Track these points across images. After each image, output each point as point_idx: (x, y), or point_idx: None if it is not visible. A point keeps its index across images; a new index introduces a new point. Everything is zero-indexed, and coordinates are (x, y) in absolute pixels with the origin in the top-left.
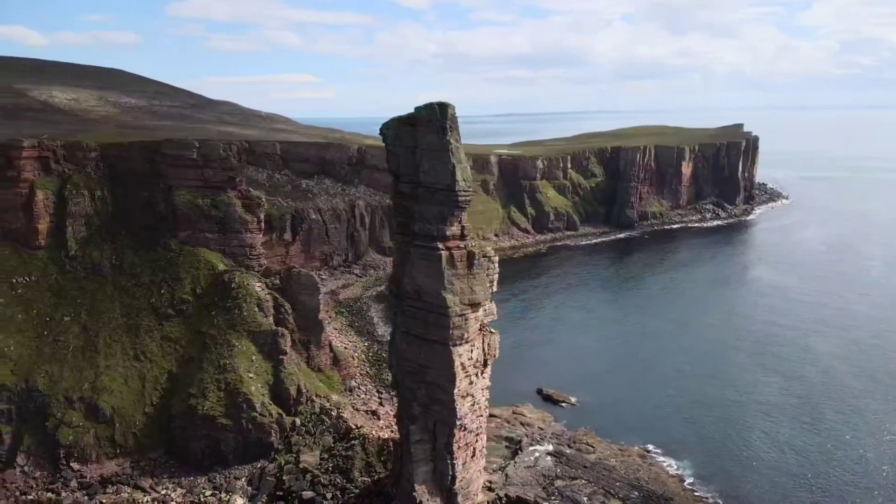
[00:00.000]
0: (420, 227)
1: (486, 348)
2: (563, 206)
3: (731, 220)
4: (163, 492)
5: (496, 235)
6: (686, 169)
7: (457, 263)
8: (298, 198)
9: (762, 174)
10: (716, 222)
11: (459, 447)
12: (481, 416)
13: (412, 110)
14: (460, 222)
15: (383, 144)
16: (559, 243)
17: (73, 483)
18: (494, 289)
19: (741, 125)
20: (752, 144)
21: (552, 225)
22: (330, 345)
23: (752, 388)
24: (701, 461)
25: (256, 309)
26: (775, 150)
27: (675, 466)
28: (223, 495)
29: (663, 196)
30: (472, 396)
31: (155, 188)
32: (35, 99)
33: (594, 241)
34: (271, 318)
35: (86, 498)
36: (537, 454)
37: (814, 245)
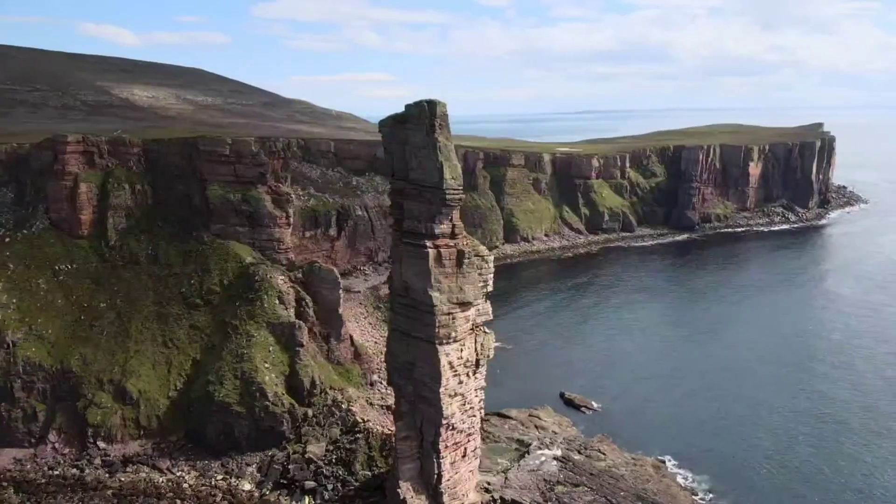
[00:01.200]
0: (409, 224)
1: (478, 348)
2: (620, 206)
3: (801, 225)
4: (178, 473)
5: (546, 235)
6: (754, 169)
7: (445, 262)
8: (347, 194)
9: (843, 177)
10: (784, 226)
11: (447, 446)
12: (473, 416)
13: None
14: (451, 221)
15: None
16: (612, 244)
17: (98, 461)
18: (489, 289)
19: (820, 124)
20: (827, 145)
21: (606, 225)
22: (351, 339)
23: (787, 408)
24: (718, 477)
25: (277, 301)
26: (863, 152)
27: (690, 480)
28: (233, 480)
29: (728, 197)
30: (463, 396)
31: (191, 182)
32: (117, 96)
33: (650, 243)
34: (292, 310)
35: (107, 476)
36: (543, 458)
37: (889, 254)
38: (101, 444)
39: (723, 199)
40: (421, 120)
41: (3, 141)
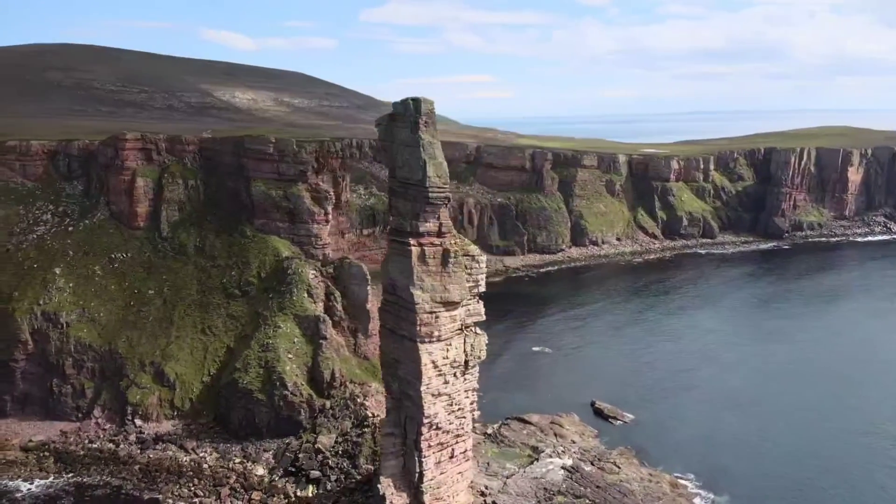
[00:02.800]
0: (395, 221)
1: (467, 349)
2: (700, 210)
3: None
4: (201, 454)
5: (618, 239)
6: (854, 175)
7: (428, 260)
8: None
9: None
10: (885, 237)
11: (430, 445)
12: (463, 418)
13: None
14: (438, 219)
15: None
16: (689, 251)
17: (132, 437)
18: (481, 289)
19: None
20: None
21: (685, 231)
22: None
23: (838, 436)
24: (738, 501)
25: (305, 295)
26: None
27: (708, 502)
28: (249, 464)
29: (824, 204)
30: (449, 396)
31: (238, 179)
32: (219, 99)
33: (731, 250)
34: (320, 304)
35: (138, 452)
36: (551, 466)
37: None
38: (138, 422)
39: (817, 206)
40: (407, 117)
41: (80, 137)
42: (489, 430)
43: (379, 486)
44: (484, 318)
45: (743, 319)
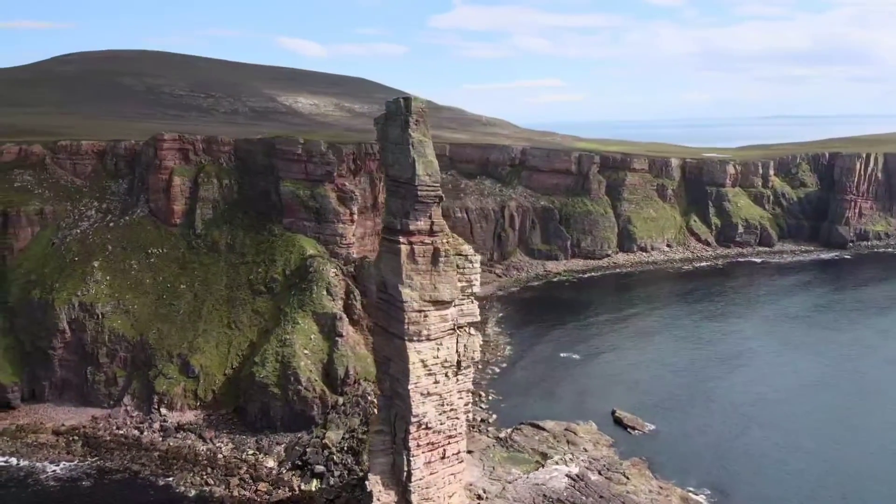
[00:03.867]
0: (387, 219)
1: (460, 350)
2: (758, 217)
3: None
4: (217, 444)
5: (668, 246)
6: None
7: (418, 258)
8: (450, 196)
9: None
10: None
11: (419, 445)
12: (456, 419)
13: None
14: (429, 217)
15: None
16: (743, 259)
17: (156, 425)
18: (476, 289)
19: None
20: None
21: (740, 238)
22: None
23: (873, 460)
24: None
25: (325, 292)
26: None
27: None
28: (261, 456)
29: (892, 213)
30: (440, 397)
31: (269, 179)
32: (282, 103)
33: (789, 259)
34: (339, 302)
35: (160, 439)
36: (555, 473)
37: None
38: (164, 411)
39: (885, 215)
40: (397, 116)
41: (125, 138)
42: (501, 435)
43: (367, 482)
44: (478, 318)
45: (788, 330)
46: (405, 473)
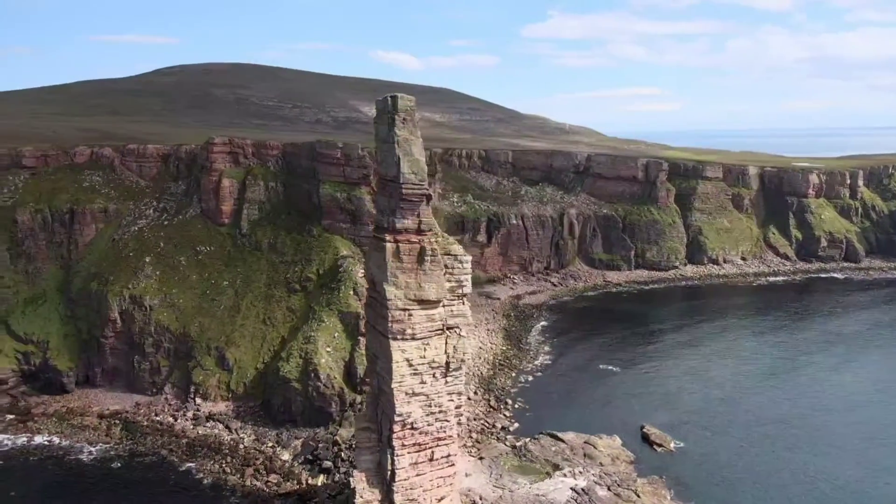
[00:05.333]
0: (377, 217)
1: (449, 351)
2: (843, 230)
3: None
4: (241, 435)
5: (743, 259)
6: None
7: (403, 257)
8: (506, 203)
9: None
10: None
11: (403, 444)
12: (445, 421)
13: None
14: (417, 216)
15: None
16: (824, 275)
17: (189, 414)
18: (466, 290)
19: None
20: None
21: (823, 252)
22: None
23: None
24: None
25: (351, 293)
26: None
27: None
28: (279, 449)
29: None
30: (427, 397)
31: (311, 182)
32: (364, 114)
33: (876, 276)
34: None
35: (191, 427)
36: (560, 485)
37: None
38: (198, 401)
39: None
40: (385, 114)
41: (185, 142)
42: (518, 444)
43: (352, 479)
44: (470, 320)
45: (853, 352)
46: (389, 473)
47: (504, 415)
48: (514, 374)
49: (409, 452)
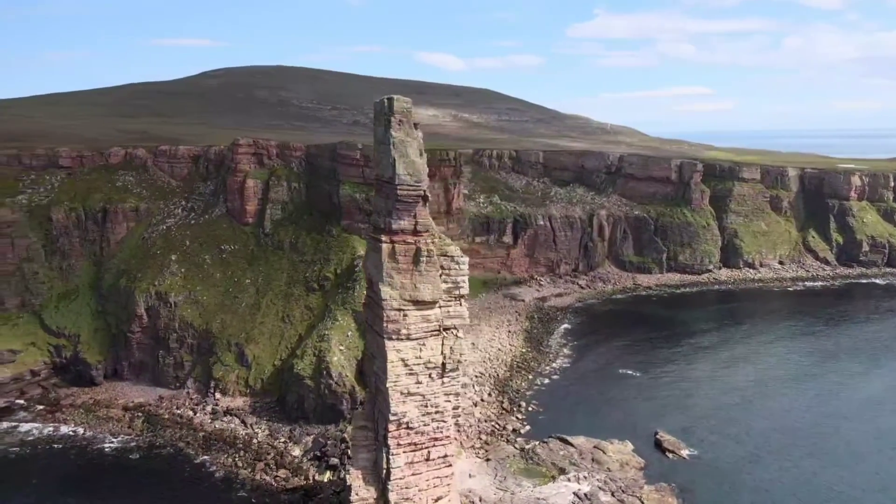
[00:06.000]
0: (374, 218)
1: (445, 352)
2: (887, 235)
3: None
4: (256, 430)
5: (780, 263)
6: None
7: (399, 257)
8: (534, 203)
9: None
10: None
11: (399, 444)
12: (443, 421)
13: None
14: (414, 217)
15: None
16: (865, 281)
17: (208, 408)
18: (463, 291)
19: None
20: None
21: (865, 257)
22: None
23: None
24: None
25: (365, 292)
26: None
27: None
28: (290, 444)
29: None
30: (423, 397)
31: (332, 182)
32: None
33: None
34: None
35: (209, 421)
36: (563, 489)
37: None
38: (218, 396)
39: None
40: (381, 116)
41: (221, 143)
42: (527, 446)
43: (348, 476)
44: (467, 321)
45: (885, 360)
46: (385, 471)
47: (516, 417)
48: (530, 377)
49: (404, 451)
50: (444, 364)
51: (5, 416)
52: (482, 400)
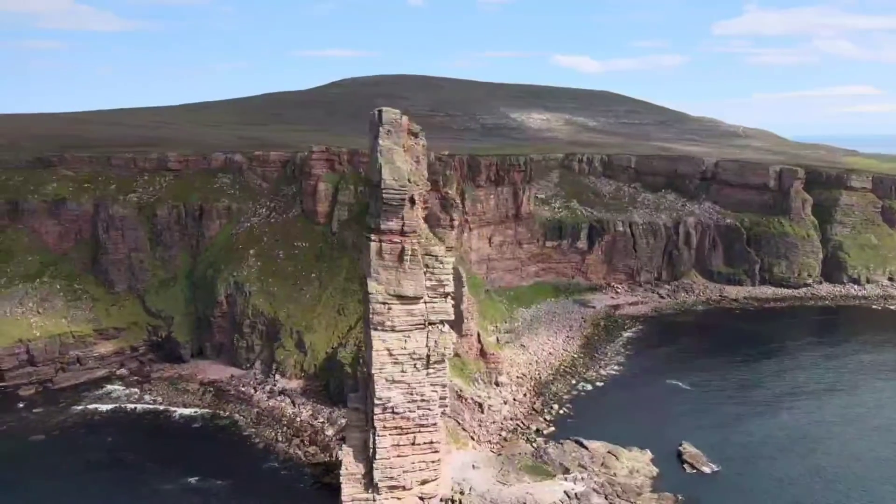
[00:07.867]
0: (367, 218)
1: (430, 345)
2: None
3: None
4: (301, 410)
5: (891, 279)
6: None
7: (385, 255)
8: (616, 210)
9: None
10: None
11: (385, 427)
12: (429, 410)
13: None
14: (401, 219)
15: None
16: None
17: (267, 388)
18: (446, 289)
19: None
20: None
21: None
22: (478, 336)
23: None
24: None
25: None
26: None
27: None
28: (326, 425)
29: None
30: (408, 385)
31: None
32: (513, 120)
33: None
34: None
35: (265, 399)
36: (556, 487)
37: None
38: (277, 377)
39: None
40: (373, 125)
41: (302, 149)
42: (542, 446)
43: (340, 451)
44: (451, 317)
45: None
46: (371, 450)
47: (543, 419)
48: (573, 381)
49: (390, 434)
50: (428, 356)
51: (104, 383)
52: (514, 399)
